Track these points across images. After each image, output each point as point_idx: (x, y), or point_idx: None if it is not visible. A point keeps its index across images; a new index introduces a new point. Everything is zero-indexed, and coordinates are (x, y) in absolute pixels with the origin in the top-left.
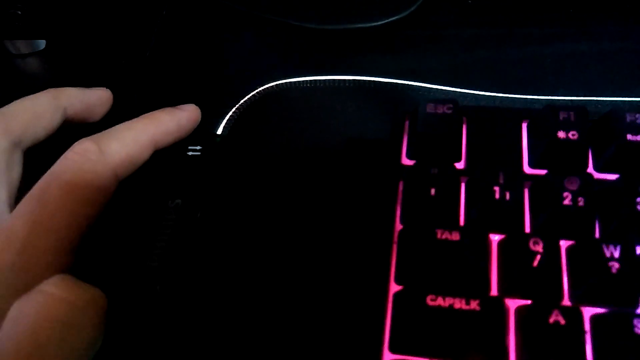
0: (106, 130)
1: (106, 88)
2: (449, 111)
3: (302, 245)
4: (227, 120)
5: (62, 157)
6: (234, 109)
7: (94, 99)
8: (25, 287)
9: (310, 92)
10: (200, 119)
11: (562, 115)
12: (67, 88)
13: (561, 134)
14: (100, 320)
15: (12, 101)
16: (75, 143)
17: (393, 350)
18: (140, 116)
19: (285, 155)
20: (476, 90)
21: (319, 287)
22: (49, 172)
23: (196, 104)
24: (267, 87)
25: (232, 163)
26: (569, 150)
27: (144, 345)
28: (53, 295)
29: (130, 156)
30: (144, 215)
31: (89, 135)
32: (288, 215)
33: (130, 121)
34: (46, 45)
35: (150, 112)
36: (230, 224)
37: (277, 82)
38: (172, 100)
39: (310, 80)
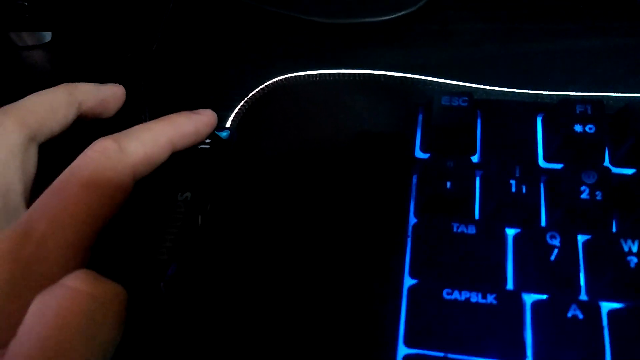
0: (126, 130)
1: (119, 84)
2: (464, 104)
3: (315, 239)
4: (236, 113)
5: (82, 154)
6: (242, 103)
7: (107, 95)
8: (42, 281)
9: (319, 86)
10: (216, 124)
11: (578, 109)
12: (82, 83)
13: (578, 128)
14: (122, 315)
15: (18, 92)
16: (96, 141)
17: (408, 344)
18: (159, 118)
19: (294, 149)
20: (486, 85)
21: (333, 281)
22: (68, 168)
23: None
24: (276, 81)
25: (241, 156)
26: (586, 144)
27: (153, 338)
28: (77, 289)
29: (148, 156)
30: (154, 209)
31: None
32: (299, 209)
33: (149, 122)
34: (52, 37)
35: (169, 115)
36: (239, 216)
37: (286, 76)
38: (179, 94)
39: (319, 74)
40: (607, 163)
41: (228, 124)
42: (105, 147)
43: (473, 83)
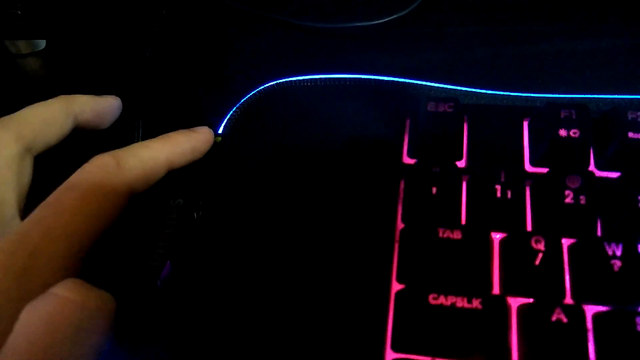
0: (125, 147)
1: (114, 95)
2: (450, 109)
3: (304, 244)
4: (228, 119)
5: (80, 169)
6: (234, 108)
7: (104, 107)
8: (35, 291)
9: (310, 91)
10: (213, 141)
11: (563, 113)
12: (79, 95)
13: (563, 132)
14: (109, 323)
15: (13, 100)
16: (95, 156)
17: (395, 349)
18: (158, 136)
19: (286, 154)
20: (477, 88)
21: (321, 286)
22: (66, 181)
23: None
24: (268, 86)
25: (233, 162)
26: (571, 149)
27: (146, 343)
28: (66, 298)
29: (146, 174)
30: (146, 215)
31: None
32: (289, 214)
33: (148, 140)
34: (46, 45)
35: (167, 133)
36: (231, 223)
37: (278, 81)
38: (172, 100)
39: (310, 79)
40: (592, 167)
41: (220, 130)
42: (104, 162)
43: (465, 86)
